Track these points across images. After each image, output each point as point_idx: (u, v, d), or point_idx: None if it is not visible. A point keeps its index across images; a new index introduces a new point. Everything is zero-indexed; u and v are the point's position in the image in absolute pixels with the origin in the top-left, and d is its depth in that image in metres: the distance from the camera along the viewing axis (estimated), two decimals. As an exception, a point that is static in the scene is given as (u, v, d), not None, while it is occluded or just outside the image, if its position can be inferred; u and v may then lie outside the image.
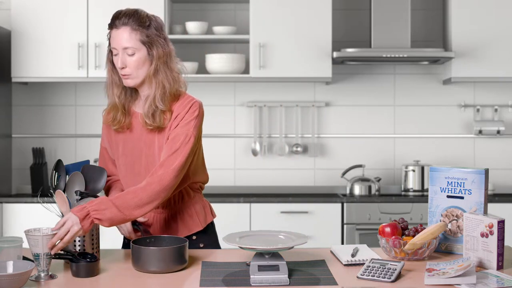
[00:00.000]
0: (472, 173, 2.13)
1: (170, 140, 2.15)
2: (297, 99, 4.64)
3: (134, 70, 2.16)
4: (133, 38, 2.14)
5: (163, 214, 2.29)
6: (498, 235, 1.93)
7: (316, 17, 4.31)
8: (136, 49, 2.15)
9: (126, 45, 2.14)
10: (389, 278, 1.81)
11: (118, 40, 2.15)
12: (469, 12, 4.34)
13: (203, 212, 2.33)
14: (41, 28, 4.29)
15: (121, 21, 2.15)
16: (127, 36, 2.14)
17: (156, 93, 2.16)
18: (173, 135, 2.15)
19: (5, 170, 4.42)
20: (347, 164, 4.63)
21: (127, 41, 2.14)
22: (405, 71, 4.67)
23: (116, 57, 2.17)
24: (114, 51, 2.18)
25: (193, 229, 2.30)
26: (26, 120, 4.63)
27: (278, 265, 1.84)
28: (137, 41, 2.15)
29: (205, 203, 2.37)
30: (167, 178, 2.08)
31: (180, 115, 2.17)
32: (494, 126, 4.50)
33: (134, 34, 2.14)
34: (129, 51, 2.15)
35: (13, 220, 4.11)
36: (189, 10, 4.62)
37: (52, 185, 2.13)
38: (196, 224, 2.30)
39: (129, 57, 2.15)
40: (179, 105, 2.19)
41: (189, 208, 2.30)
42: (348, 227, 4.13)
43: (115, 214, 2.01)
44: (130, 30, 2.14)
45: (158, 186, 2.07)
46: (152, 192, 2.06)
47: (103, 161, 2.39)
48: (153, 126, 2.18)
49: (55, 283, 1.82)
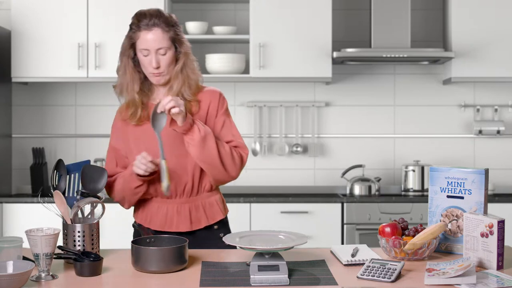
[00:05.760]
0: (472, 173, 2.13)
1: (227, 128, 2.35)
2: (297, 99, 4.64)
3: (166, 68, 2.29)
4: (166, 38, 2.26)
5: (187, 205, 2.35)
6: (498, 235, 1.93)
7: (316, 17, 4.31)
8: (168, 48, 2.28)
9: (160, 46, 2.26)
10: (389, 278, 1.81)
11: (152, 41, 2.25)
12: (469, 12, 4.34)
13: (222, 202, 2.43)
14: (41, 28, 4.29)
15: (151, 21, 2.25)
16: (161, 37, 2.25)
17: (183, 86, 2.31)
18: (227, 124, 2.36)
19: (5, 170, 4.42)
20: (347, 164, 4.63)
21: (161, 42, 2.26)
22: (405, 71, 4.67)
23: (147, 57, 2.27)
24: (145, 51, 2.27)
25: (215, 218, 2.38)
26: (26, 120, 4.63)
27: (278, 265, 1.84)
28: (168, 40, 2.27)
29: (221, 194, 2.46)
30: (243, 162, 2.34)
31: (213, 104, 2.35)
32: (494, 126, 4.50)
33: (166, 34, 2.26)
34: (162, 51, 2.27)
35: (13, 220, 4.11)
36: (189, 10, 4.62)
37: (53, 185, 2.13)
38: (218, 213, 2.39)
39: (162, 57, 2.27)
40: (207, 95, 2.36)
41: (210, 198, 2.38)
42: (348, 227, 4.13)
43: (209, 139, 2.21)
44: (161, 31, 2.26)
45: (240, 164, 2.32)
46: (232, 159, 2.28)
47: (112, 162, 2.41)
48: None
49: (56, 283, 1.82)
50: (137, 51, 2.30)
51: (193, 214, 2.35)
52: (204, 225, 2.36)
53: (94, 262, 1.90)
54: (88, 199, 2.10)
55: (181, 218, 2.34)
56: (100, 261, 1.91)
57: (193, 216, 2.35)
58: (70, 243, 2.05)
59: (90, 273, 1.88)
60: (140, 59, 2.30)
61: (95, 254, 1.93)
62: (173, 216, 2.34)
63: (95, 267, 1.89)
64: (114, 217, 3.87)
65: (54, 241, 1.85)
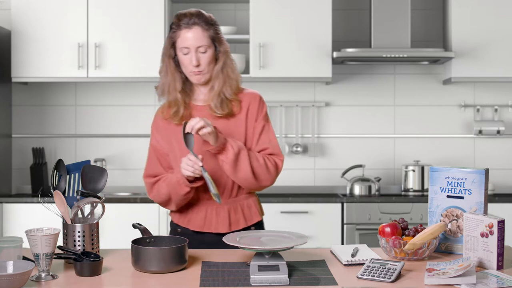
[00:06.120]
0: (472, 173, 2.13)
1: (266, 133, 2.38)
2: (297, 99, 4.64)
3: (206, 66, 2.32)
4: (205, 36, 2.31)
5: (226, 206, 2.36)
6: (498, 235, 1.93)
7: (316, 17, 4.31)
8: (207, 47, 2.31)
9: (200, 44, 2.30)
10: (389, 278, 1.81)
11: (192, 39, 2.29)
12: (469, 12, 4.34)
13: (258, 204, 2.46)
14: (41, 28, 4.29)
15: (191, 20, 2.30)
16: (201, 35, 2.30)
17: (224, 85, 2.33)
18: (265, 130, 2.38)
19: (5, 170, 4.42)
20: (347, 164, 4.63)
21: (201, 40, 2.29)
22: (405, 71, 4.67)
23: (187, 56, 2.31)
24: (185, 50, 2.30)
25: (253, 220, 2.41)
26: (26, 120, 4.63)
27: (278, 265, 1.84)
28: (208, 38, 2.31)
29: (257, 196, 2.48)
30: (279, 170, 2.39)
31: (252, 106, 2.37)
32: (494, 126, 4.50)
33: (206, 33, 2.31)
34: (202, 49, 2.30)
35: (13, 220, 4.11)
36: (189, 10, 4.62)
37: (53, 185, 2.13)
38: (255, 214, 2.42)
39: (202, 55, 2.31)
40: (248, 96, 2.38)
41: (248, 200, 2.41)
42: (348, 227, 4.13)
43: (242, 155, 2.24)
44: (201, 29, 2.30)
45: (274, 172, 2.38)
46: (266, 170, 2.32)
47: (154, 162, 2.41)
48: (222, 114, 2.33)
49: (56, 283, 1.82)
50: (177, 51, 2.33)
51: (232, 215, 2.37)
52: (242, 226, 2.38)
53: (94, 262, 1.90)
54: (88, 199, 2.10)
55: (220, 219, 2.36)
56: (100, 261, 1.91)
57: (232, 217, 2.37)
58: (70, 243, 2.05)
59: (90, 273, 1.89)
60: (180, 58, 2.33)
61: (95, 254, 1.93)
62: (212, 217, 2.36)
63: (95, 267, 1.90)
64: (114, 217, 3.87)
65: (54, 241, 1.85)
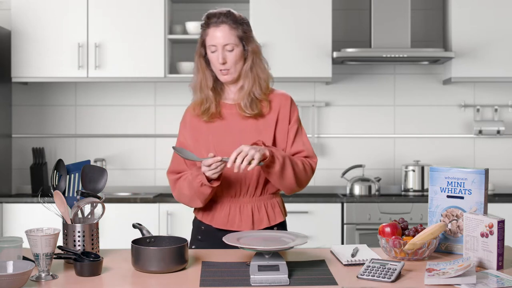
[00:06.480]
0: (472, 173, 2.13)
1: (299, 136, 2.39)
2: (297, 99, 4.64)
3: (233, 65, 2.33)
4: (233, 34, 2.31)
5: (250, 205, 2.36)
6: (498, 235, 1.93)
7: (316, 17, 4.31)
8: (235, 45, 2.32)
9: (227, 42, 2.30)
10: (389, 278, 1.81)
11: (219, 37, 2.31)
12: (469, 12, 4.34)
13: (282, 204, 2.46)
14: (41, 28, 4.30)
15: (219, 19, 2.32)
16: (227, 33, 2.31)
17: (254, 85, 2.34)
18: (299, 133, 2.39)
19: (5, 170, 4.42)
20: (347, 164, 4.63)
21: (227, 38, 2.30)
22: (405, 71, 4.67)
23: (215, 53, 2.32)
24: (213, 48, 2.32)
25: (276, 220, 2.39)
26: (26, 120, 4.63)
27: (278, 265, 1.84)
28: (235, 37, 2.32)
29: (281, 197, 2.48)
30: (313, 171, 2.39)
31: (284, 108, 2.37)
32: (494, 126, 4.50)
33: (233, 31, 2.32)
34: (229, 47, 2.31)
35: (13, 220, 4.11)
36: (189, 10, 4.62)
37: (53, 185, 2.13)
38: (279, 214, 2.41)
39: (228, 53, 2.32)
40: (278, 97, 2.39)
41: (272, 200, 2.41)
42: (348, 227, 4.13)
43: (287, 164, 2.25)
44: (229, 27, 2.31)
45: (311, 174, 2.38)
46: (305, 174, 2.33)
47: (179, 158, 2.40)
48: (251, 114, 2.33)
49: (56, 283, 1.82)
50: (207, 49, 2.35)
51: (256, 214, 2.36)
52: (265, 226, 2.37)
53: (94, 262, 1.90)
54: (88, 199, 2.10)
55: (243, 218, 2.35)
56: (100, 261, 1.91)
57: (255, 216, 2.36)
58: (70, 243, 2.05)
59: (90, 273, 1.89)
60: (209, 56, 2.35)
61: (95, 254, 1.93)
62: (235, 215, 2.36)
63: (95, 267, 1.89)
64: (114, 217, 3.87)
65: (54, 241, 1.85)
